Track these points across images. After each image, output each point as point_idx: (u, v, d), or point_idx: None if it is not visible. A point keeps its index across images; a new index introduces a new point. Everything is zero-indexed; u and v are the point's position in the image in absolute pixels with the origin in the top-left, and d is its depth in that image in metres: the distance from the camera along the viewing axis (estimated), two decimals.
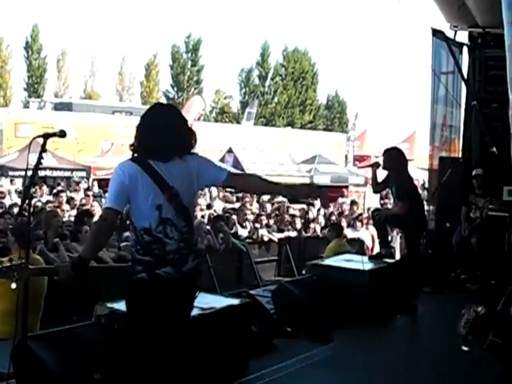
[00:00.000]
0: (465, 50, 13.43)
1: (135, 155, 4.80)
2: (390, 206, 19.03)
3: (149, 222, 4.61)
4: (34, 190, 4.97)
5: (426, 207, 11.92)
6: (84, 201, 17.11)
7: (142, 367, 4.67)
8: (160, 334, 4.65)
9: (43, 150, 4.70)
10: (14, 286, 4.54)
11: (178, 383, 4.91)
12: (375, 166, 10.03)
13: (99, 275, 10.29)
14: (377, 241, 12.67)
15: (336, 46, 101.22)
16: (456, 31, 13.25)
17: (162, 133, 4.74)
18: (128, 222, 4.92)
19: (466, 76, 13.31)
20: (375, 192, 10.83)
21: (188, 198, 4.77)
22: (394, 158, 9.66)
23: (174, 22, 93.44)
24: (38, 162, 4.65)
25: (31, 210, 4.95)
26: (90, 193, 18.95)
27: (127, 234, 11.55)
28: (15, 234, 7.42)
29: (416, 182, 10.87)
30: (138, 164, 4.66)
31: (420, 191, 12.05)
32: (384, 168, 9.74)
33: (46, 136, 4.76)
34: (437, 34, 12.84)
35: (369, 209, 22.07)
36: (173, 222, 4.66)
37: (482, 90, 13.06)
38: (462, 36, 13.41)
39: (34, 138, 4.83)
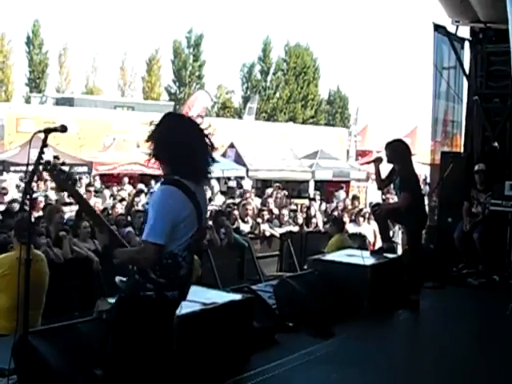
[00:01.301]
0: (466, 45, 13.42)
1: (173, 176, 4.58)
2: (392, 201, 18.98)
3: (178, 248, 4.55)
4: (35, 185, 4.96)
5: (427, 202, 11.91)
6: (85, 196, 17.08)
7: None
8: (148, 350, 4.69)
9: (44, 144, 4.68)
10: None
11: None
12: (378, 161, 9.96)
13: (101, 270, 10.33)
14: (379, 236, 12.64)
15: (337, 40, 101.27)
16: (458, 26, 13.24)
17: (199, 153, 4.63)
18: None
19: (467, 71, 13.30)
20: (380, 188, 10.75)
21: None
22: (397, 150, 9.60)
23: (175, 17, 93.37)
24: (39, 157, 4.64)
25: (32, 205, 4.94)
26: (92, 188, 18.92)
27: (129, 229, 11.54)
28: (15, 229, 7.44)
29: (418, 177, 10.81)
30: (184, 191, 4.51)
31: (422, 186, 12.02)
32: (388, 161, 9.70)
33: (47, 131, 4.73)
34: (438, 29, 12.83)
35: (371, 203, 22.04)
36: (191, 251, 4.69)
37: (483, 85, 13.05)
38: (464, 31, 13.42)
39: (35, 133, 4.82)
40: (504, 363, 6.98)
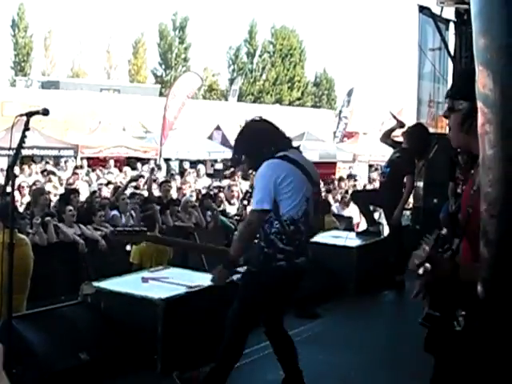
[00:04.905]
0: (451, 26, 13.41)
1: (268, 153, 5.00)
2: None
3: (297, 212, 4.90)
4: (18, 169, 4.97)
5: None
6: (71, 180, 17.00)
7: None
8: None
9: (26, 128, 4.68)
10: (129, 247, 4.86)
11: None
12: (399, 123, 10.15)
13: (87, 254, 10.31)
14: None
15: (323, 23, 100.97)
16: (442, 7, 13.22)
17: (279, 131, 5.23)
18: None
19: (452, 52, 13.29)
20: (381, 141, 10.66)
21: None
22: (414, 135, 9.72)
23: (160, 0, 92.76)
24: (21, 141, 4.63)
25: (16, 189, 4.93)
26: (79, 171, 18.84)
27: (114, 212, 11.52)
28: (0, 213, 7.40)
29: None
30: (287, 160, 4.92)
31: None
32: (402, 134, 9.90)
33: (29, 114, 4.74)
34: (423, 10, 12.83)
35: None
36: (308, 215, 4.97)
37: (468, 65, 13.02)
38: (449, 12, 13.39)
39: (17, 117, 4.81)
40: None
